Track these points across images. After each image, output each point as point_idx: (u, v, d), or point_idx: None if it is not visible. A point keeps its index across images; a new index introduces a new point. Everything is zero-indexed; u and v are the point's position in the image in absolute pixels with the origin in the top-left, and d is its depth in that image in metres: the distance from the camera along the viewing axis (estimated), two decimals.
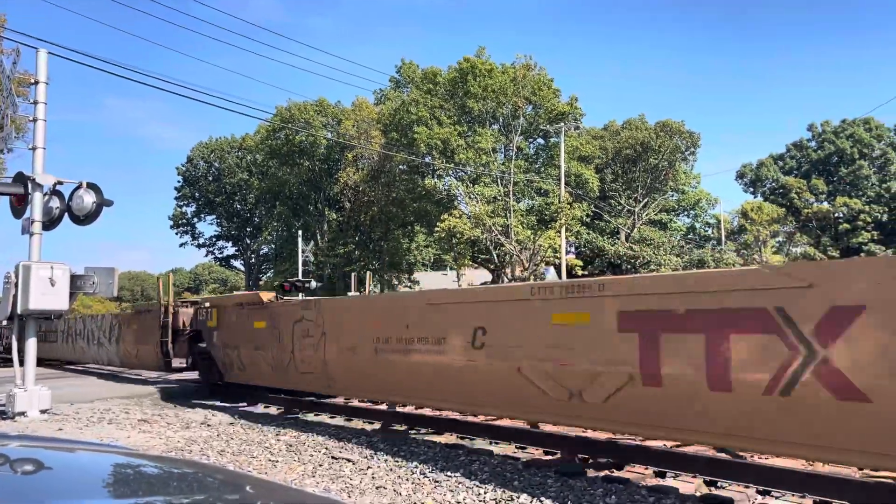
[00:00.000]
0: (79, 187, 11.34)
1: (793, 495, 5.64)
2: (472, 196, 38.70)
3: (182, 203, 69.20)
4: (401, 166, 44.41)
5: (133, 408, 11.81)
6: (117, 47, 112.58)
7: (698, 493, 5.90)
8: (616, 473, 6.63)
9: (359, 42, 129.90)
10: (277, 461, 7.53)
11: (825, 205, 57.60)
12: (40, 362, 13.39)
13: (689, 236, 57.34)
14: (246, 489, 1.58)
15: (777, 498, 5.66)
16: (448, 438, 8.74)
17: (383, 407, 10.89)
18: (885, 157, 57.80)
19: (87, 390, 13.90)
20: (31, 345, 10.94)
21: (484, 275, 44.94)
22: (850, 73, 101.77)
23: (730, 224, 57.92)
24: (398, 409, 10.42)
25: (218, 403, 12.93)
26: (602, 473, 6.61)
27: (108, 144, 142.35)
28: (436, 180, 41.43)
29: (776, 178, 60.56)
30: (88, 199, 11.23)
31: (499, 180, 39.29)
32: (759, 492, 5.83)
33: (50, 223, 11.32)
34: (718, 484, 6.11)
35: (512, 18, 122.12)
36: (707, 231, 58.82)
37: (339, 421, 10.43)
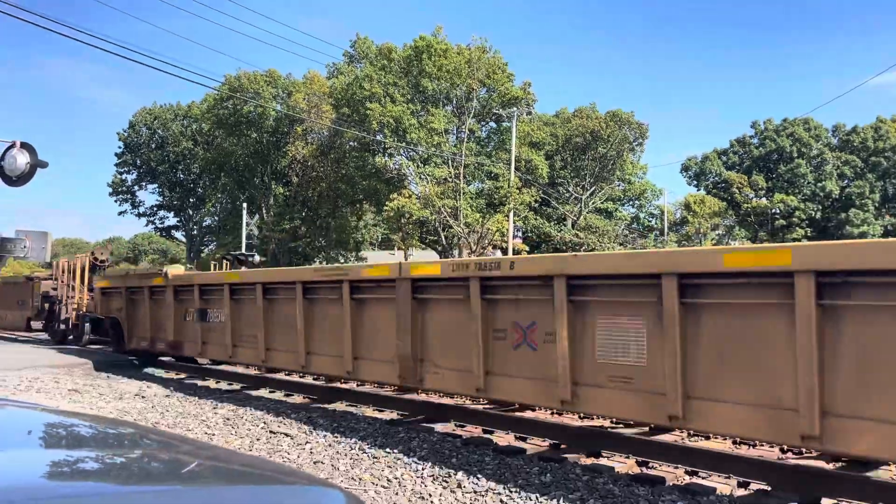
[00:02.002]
0: (12, 146, 10.88)
1: (719, 475, 5.85)
2: (422, 176, 38.58)
3: (122, 170, 66.96)
4: (351, 143, 43.89)
5: (64, 377, 11.46)
6: (56, 2, 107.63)
7: (631, 472, 6.07)
8: (552, 453, 6.77)
9: (313, 14, 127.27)
10: (214, 434, 7.43)
11: (764, 200, 59.46)
12: None
13: (634, 226, 58.49)
14: (183, 449, 1.54)
15: (704, 478, 5.86)
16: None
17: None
18: (821, 156, 59.90)
19: (15, 357, 13.43)
20: None
21: (432, 256, 44.99)
22: (794, 73, 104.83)
23: (673, 215, 59.29)
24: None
25: (153, 374, 12.65)
26: (538, 453, 6.73)
27: (44, 105, 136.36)
28: (386, 159, 41.11)
29: (719, 172, 62.16)
30: (22, 159, 10.80)
31: (450, 162, 39.24)
32: (687, 472, 6.03)
33: None
34: (650, 465, 6.30)
35: (470, 0, 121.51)
36: (651, 221, 60.09)
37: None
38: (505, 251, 38.29)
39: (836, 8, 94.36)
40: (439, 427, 7.92)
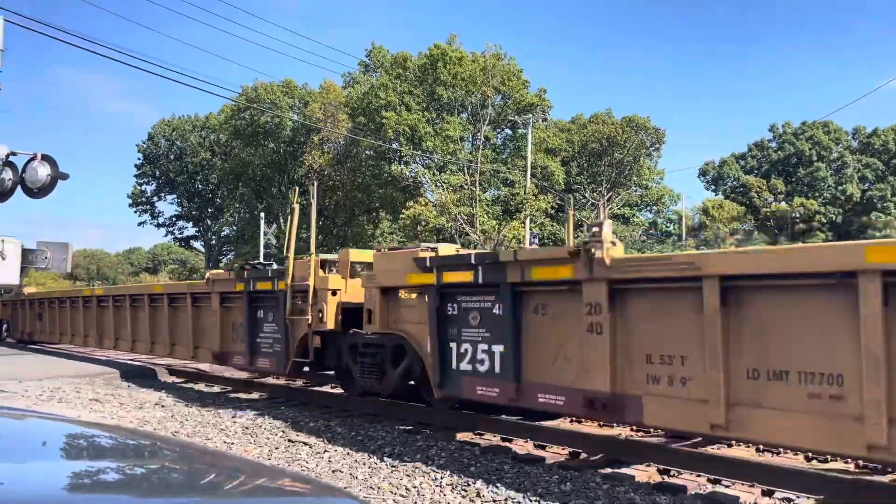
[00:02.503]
0: (33, 159, 11.01)
1: (742, 484, 5.78)
2: (438, 184, 38.63)
3: (142, 181, 67.70)
4: (367, 151, 44.08)
5: (85, 387, 11.56)
6: (77, 17, 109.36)
7: (652, 481, 6.00)
8: (572, 461, 6.71)
9: (329, 24, 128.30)
10: (233, 444, 7.46)
11: (783, 204, 58.90)
12: None
13: (651, 231, 58.15)
14: (202, 459, 1.55)
15: (727, 487, 5.79)
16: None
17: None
18: (841, 159, 59.26)
19: (37, 367, 13.58)
20: None
21: None
22: (812, 76, 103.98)
23: (691, 220, 58.88)
24: None
25: (173, 384, 12.74)
26: (558, 462, 6.68)
27: (64, 118, 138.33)
28: (402, 167, 41.23)
29: (737, 176, 61.67)
30: (43, 171, 10.91)
31: (465, 169, 39.27)
32: (710, 480, 5.96)
33: (1, 195, 10.98)
34: (671, 473, 6.22)
35: (484, 8, 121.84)
36: (669, 227, 59.71)
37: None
38: None
39: (856, 10, 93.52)
40: (458, 436, 7.89)
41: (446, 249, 8.18)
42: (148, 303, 13.37)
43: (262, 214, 50.04)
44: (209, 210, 66.45)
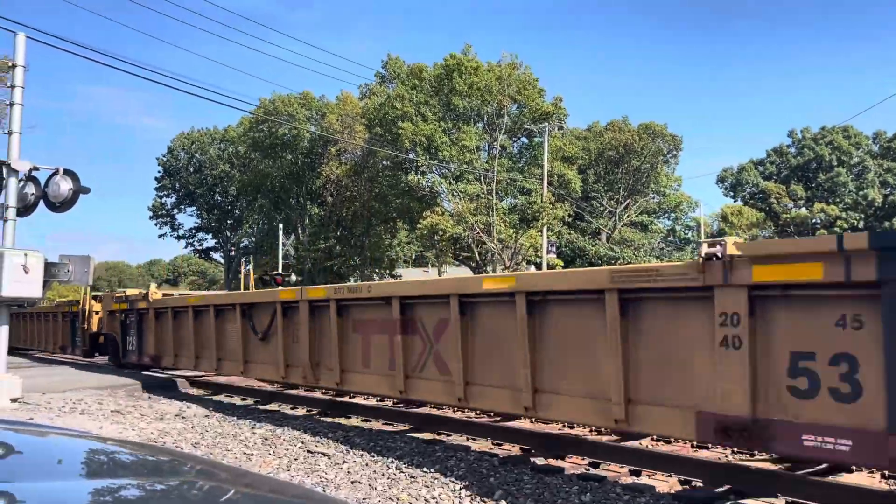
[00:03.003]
0: (55, 174, 11.19)
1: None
2: (454, 193, 38.69)
3: (162, 194, 68.48)
4: (384, 162, 44.27)
5: (107, 398, 11.67)
6: (97, 34, 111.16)
7: (673, 491, 5.94)
8: (593, 471, 6.66)
9: (345, 36, 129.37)
10: (252, 454, 7.48)
11: (803, 210, 58.32)
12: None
13: (670, 239, 57.80)
14: (221, 476, 1.55)
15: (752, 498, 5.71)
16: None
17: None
18: (862, 164, 58.61)
19: (59, 380, 13.73)
20: (3, 333, 10.78)
21: (466, 272, 45.00)
22: (831, 81, 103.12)
23: (710, 227, 58.46)
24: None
25: (193, 395, 12.82)
26: (579, 471, 6.64)
27: (86, 132, 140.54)
28: (419, 177, 41.35)
29: (756, 182, 61.21)
30: (65, 185, 11.09)
31: (482, 178, 39.31)
32: (731, 490, 5.88)
33: (25, 209, 11.16)
34: (692, 483, 6.15)
35: (499, 17, 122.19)
36: (687, 234, 59.32)
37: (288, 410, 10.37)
38: (539, 266, 38.10)
39: (874, 14, 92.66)
40: (475, 446, 7.88)
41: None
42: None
43: (281, 225, 50.39)
44: (228, 221, 67.03)
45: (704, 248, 5.28)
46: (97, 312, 17.17)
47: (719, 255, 5.13)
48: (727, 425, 5.03)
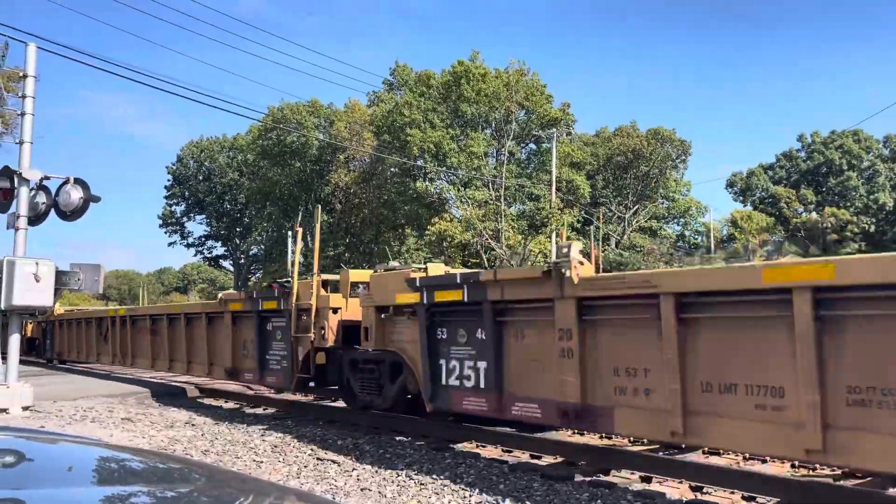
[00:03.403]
0: (66, 183, 11.27)
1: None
2: (463, 200, 38.69)
3: (172, 202, 68.79)
4: (392, 169, 44.33)
5: (117, 406, 11.72)
6: (106, 42, 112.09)
7: (685, 499, 5.90)
8: (602, 478, 6.63)
9: (352, 43, 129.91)
10: (262, 462, 7.48)
11: (814, 215, 57.95)
12: None
13: (679, 244, 57.55)
14: (231, 484, 1.55)
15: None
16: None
17: None
18: (873, 168, 58.22)
19: (70, 388, 13.79)
20: (15, 341, 10.84)
21: None
22: (840, 85, 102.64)
23: (719, 233, 58.20)
24: None
25: (203, 403, 12.85)
26: (589, 478, 6.60)
27: (94, 141, 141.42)
28: (427, 183, 41.37)
29: (766, 187, 60.88)
30: (75, 194, 11.16)
31: (490, 185, 39.30)
32: (744, 497, 5.84)
33: (36, 218, 11.24)
34: (704, 490, 6.12)
35: (506, 24, 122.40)
36: (697, 239, 59.05)
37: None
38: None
39: (884, 16, 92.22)
40: (484, 453, 7.85)
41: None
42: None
43: (290, 233, 50.50)
44: (237, 229, 67.25)
45: None
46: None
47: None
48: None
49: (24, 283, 10.28)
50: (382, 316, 8.73)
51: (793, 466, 6.68)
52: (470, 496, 5.99)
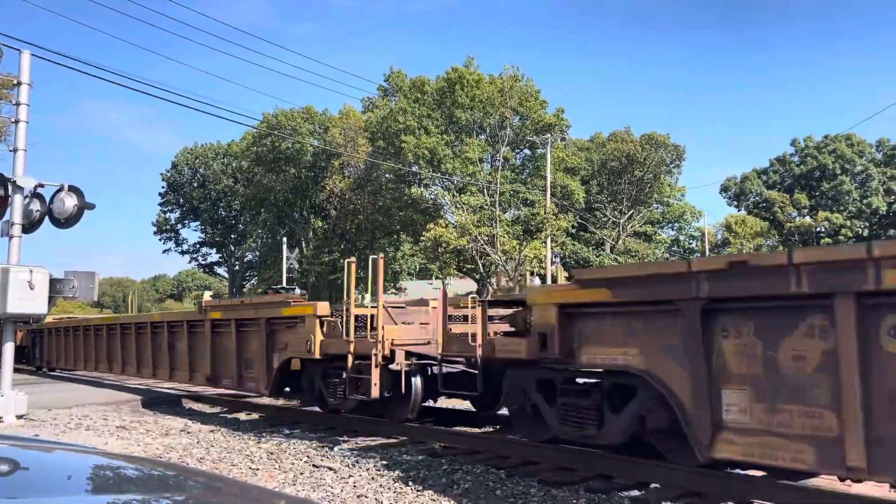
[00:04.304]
0: (60, 190, 11.23)
1: None
2: (458, 205, 38.74)
3: (166, 209, 68.69)
4: (387, 175, 44.38)
5: (112, 414, 11.66)
6: (99, 49, 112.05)
7: (682, 501, 5.89)
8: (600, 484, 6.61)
9: (347, 50, 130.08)
10: (258, 469, 7.45)
11: (807, 219, 58.21)
12: None
13: (674, 249, 57.70)
14: (226, 491, 1.55)
15: None
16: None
17: None
18: (866, 172, 58.53)
19: (65, 396, 13.72)
20: (9, 349, 10.78)
21: (469, 284, 44.98)
22: (833, 89, 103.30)
23: (714, 237, 58.37)
24: None
25: (198, 410, 12.80)
26: (585, 484, 6.59)
27: (89, 148, 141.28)
28: (422, 189, 41.43)
29: (760, 191, 61.14)
30: (70, 202, 11.12)
31: (485, 190, 39.37)
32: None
33: (30, 226, 11.20)
34: (703, 494, 6.10)
35: (501, 29, 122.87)
36: (691, 244, 59.22)
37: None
38: (544, 278, 38.07)
39: (876, 21, 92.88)
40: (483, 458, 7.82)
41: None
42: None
43: (285, 239, 50.45)
44: (232, 236, 67.15)
45: None
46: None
47: None
48: None
49: (18, 291, 10.23)
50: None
51: None
52: (467, 502, 5.97)
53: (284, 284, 41.51)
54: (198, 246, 69.44)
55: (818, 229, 56.90)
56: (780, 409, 5.01)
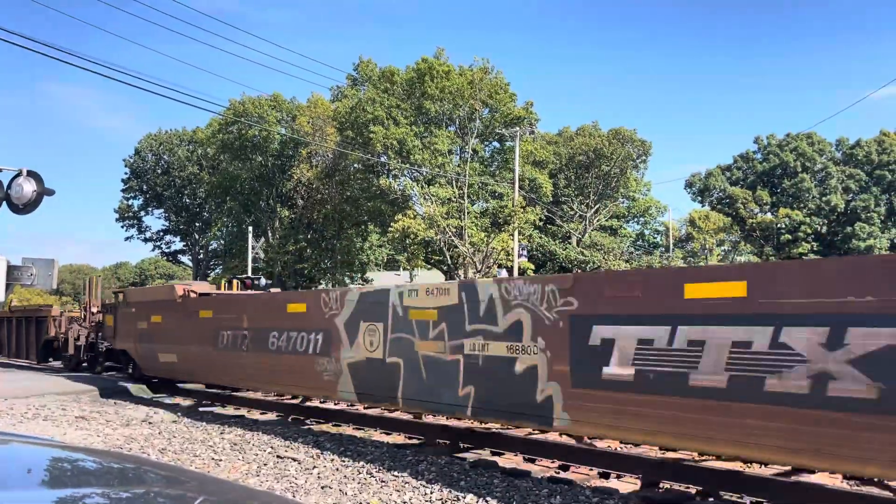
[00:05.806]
0: (18, 175, 10.97)
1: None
2: (426, 197, 38.67)
3: (129, 196, 67.36)
4: (356, 165, 44.09)
5: (71, 404, 11.45)
6: (60, 30, 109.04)
7: (640, 494, 6.01)
8: (562, 475, 6.71)
9: (316, 38, 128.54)
10: (221, 460, 7.40)
11: (769, 215, 59.38)
12: None
13: (638, 243, 58.42)
14: (188, 484, 1.54)
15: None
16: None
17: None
18: (825, 170, 59.86)
19: (23, 385, 13.42)
20: None
21: (437, 276, 45.01)
22: (796, 88, 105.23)
23: (678, 232, 59.23)
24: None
25: (161, 401, 12.63)
26: (548, 474, 6.68)
27: (49, 132, 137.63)
28: (391, 180, 41.24)
29: (723, 188, 62.15)
30: (28, 187, 10.88)
31: (454, 182, 39.36)
32: (700, 492, 5.96)
33: None
34: (659, 485, 6.23)
35: (471, 21, 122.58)
36: (656, 238, 60.03)
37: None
38: (511, 270, 38.26)
39: (837, 22, 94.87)
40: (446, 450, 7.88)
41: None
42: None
43: (250, 228, 49.88)
44: (197, 224, 66.14)
45: None
46: None
47: None
48: None
49: None
50: None
51: None
52: (431, 493, 6.00)
53: (250, 274, 41.06)
54: (161, 234, 68.31)
55: (779, 225, 58.12)
56: None
